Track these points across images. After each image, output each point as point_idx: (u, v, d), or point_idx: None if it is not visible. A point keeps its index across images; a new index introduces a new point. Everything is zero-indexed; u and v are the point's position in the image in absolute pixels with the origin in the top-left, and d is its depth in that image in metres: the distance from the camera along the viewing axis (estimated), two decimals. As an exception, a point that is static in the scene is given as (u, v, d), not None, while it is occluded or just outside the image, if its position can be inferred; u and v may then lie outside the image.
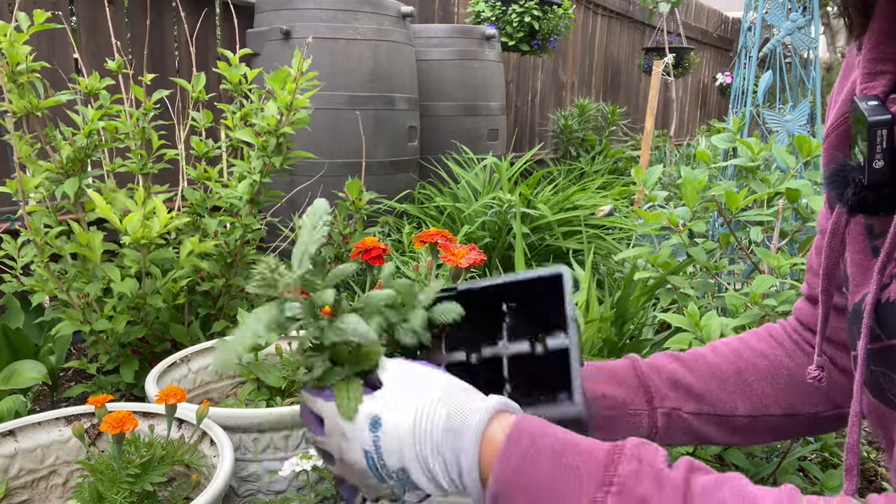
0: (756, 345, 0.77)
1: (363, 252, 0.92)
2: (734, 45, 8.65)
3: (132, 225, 1.31)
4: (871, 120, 0.49)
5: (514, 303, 0.60)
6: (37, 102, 1.39)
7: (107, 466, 0.87)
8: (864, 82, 0.52)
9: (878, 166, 0.50)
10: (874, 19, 0.53)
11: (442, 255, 0.88)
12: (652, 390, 0.73)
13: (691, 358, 0.76)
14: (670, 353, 0.77)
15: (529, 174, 3.11)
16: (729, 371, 0.75)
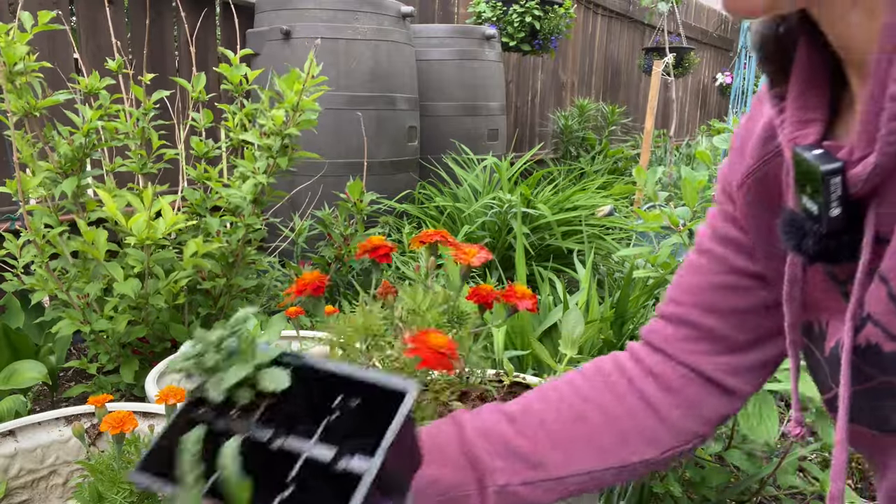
0: (584, 389, 0.71)
1: (370, 250, 0.93)
2: (734, 45, 8.65)
3: (138, 226, 1.31)
4: (824, 169, 0.49)
5: (358, 398, 0.53)
6: (34, 102, 1.39)
7: (107, 466, 0.87)
8: (796, 130, 0.52)
9: (834, 214, 0.50)
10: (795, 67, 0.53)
11: (454, 254, 0.88)
12: (480, 466, 0.66)
13: (520, 412, 0.70)
14: (499, 408, 0.71)
15: (529, 174, 3.11)
16: (559, 428, 0.69)
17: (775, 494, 1.30)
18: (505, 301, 0.89)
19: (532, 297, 0.89)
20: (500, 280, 2.13)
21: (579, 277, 1.83)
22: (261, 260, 1.77)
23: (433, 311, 0.86)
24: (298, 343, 1.42)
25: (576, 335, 1.15)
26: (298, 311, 1.28)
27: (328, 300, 2.02)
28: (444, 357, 0.76)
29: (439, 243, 0.93)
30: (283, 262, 2.12)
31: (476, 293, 0.91)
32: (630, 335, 1.69)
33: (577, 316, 1.16)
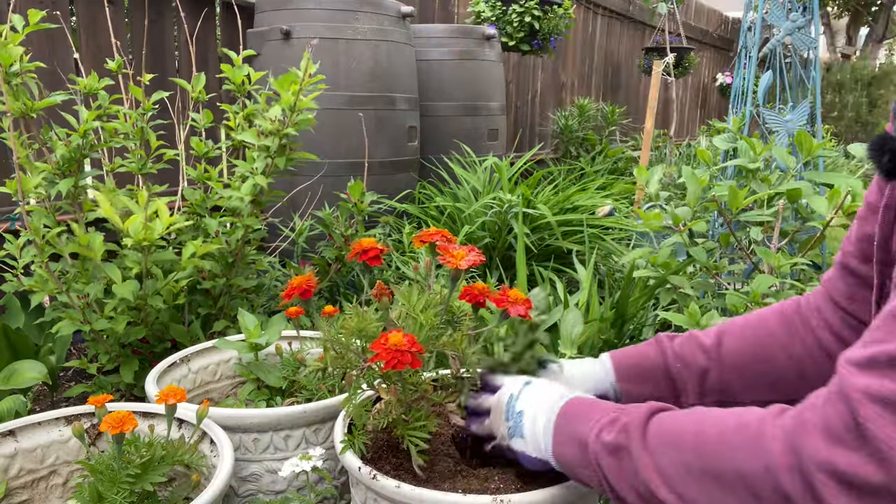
0: (776, 331, 0.84)
1: (360, 253, 0.93)
2: (734, 45, 8.65)
3: (134, 227, 1.31)
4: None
5: None
6: (31, 104, 1.39)
7: (107, 466, 0.87)
8: None
9: None
10: None
11: (440, 257, 0.88)
12: (679, 387, 0.86)
13: (715, 348, 0.85)
14: (697, 339, 0.87)
15: (530, 174, 3.11)
16: (747, 364, 0.83)
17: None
18: (496, 306, 0.88)
19: (526, 302, 0.88)
20: (501, 279, 2.13)
21: (579, 277, 1.83)
22: (261, 260, 1.76)
23: (428, 312, 0.86)
24: (299, 343, 1.42)
25: (575, 335, 1.15)
26: (299, 311, 1.28)
27: (329, 300, 2.01)
28: (405, 354, 0.77)
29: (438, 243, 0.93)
30: (283, 262, 2.12)
31: (468, 293, 0.90)
32: (630, 335, 1.69)
33: (576, 316, 1.16)
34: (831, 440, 0.49)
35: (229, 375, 1.43)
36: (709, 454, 0.58)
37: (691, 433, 0.61)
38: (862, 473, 0.47)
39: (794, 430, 0.52)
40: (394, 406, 0.86)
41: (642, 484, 0.62)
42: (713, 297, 1.65)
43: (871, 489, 0.47)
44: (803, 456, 0.51)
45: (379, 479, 0.82)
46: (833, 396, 0.51)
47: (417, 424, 0.85)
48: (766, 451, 0.53)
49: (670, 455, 0.60)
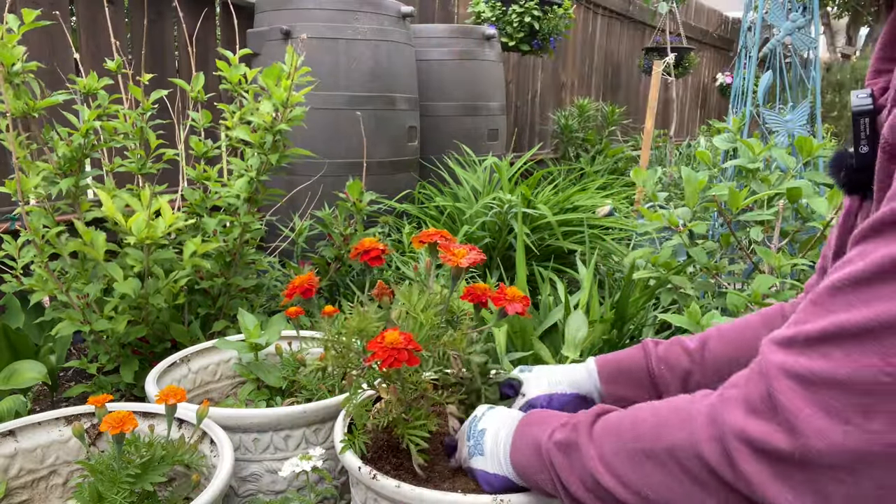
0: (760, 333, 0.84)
1: (362, 253, 0.93)
2: (734, 45, 8.65)
3: (137, 225, 1.31)
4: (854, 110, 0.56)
5: None
6: (33, 104, 1.39)
7: (107, 466, 0.87)
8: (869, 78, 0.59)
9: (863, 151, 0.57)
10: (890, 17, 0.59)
11: (442, 256, 0.88)
12: (662, 389, 0.88)
13: (699, 351, 0.87)
14: (682, 343, 0.88)
15: (530, 174, 3.11)
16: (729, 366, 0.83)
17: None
18: (494, 304, 0.88)
19: (524, 299, 0.88)
20: (501, 279, 2.13)
21: (580, 277, 1.83)
22: (260, 260, 1.76)
23: (428, 312, 0.86)
24: (299, 343, 1.42)
25: (579, 338, 1.15)
26: (298, 311, 1.28)
27: (328, 300, 2.01)
28: (402, 352, 0.77)
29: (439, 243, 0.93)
30: (283, 261, 2.12)
31: (470, 293, 0.90)
32: (631, 335, 1.69)
33: (580, 319, 1.16)
34: (748, 411, 0.53)
35: (229, 375, 1.43)
36: (644, 435, 0.62)
37: (629, 420, 0.65)
38: (772, 441, 0.50)
39: (717, 405, 0.56)
40: (394, 405, 0.86)
41: (589, 475, 0.65)
42: (714, 298, 1.65)
43: (780, 456, 0.50)
44: (723, 426, 0.54)
45: (379, 479, 0.82)
46: (754, 373, 0.55)
47: (417, 424, 0.85)
48: (692, 425, 0.57)
49: (611, 442, 0.64)
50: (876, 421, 0.46)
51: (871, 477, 0.47)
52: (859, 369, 0.47)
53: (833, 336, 0.49)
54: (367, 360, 0.79)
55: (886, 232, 0.48)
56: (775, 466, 0.51)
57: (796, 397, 0.50)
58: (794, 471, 0.50)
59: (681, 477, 0.57)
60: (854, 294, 0.49)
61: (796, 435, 0.49)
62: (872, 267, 0.48)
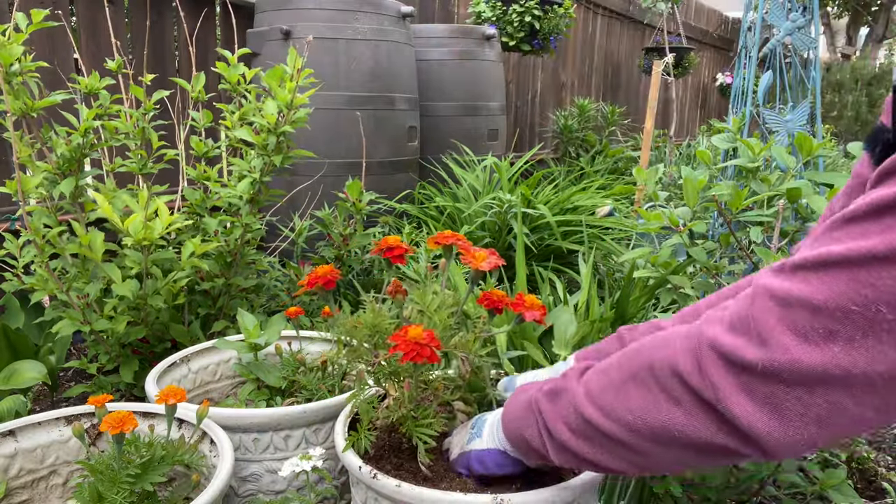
0: None
1: (385, 250, 0.93)
2: (734, 45, 8.65)
3: (134, 226, 1.31)
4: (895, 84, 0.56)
5: None
6: (32, 103, 1.39)
7: (107, 466, 0.87)
8: None
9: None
10: None
11: (463, 258, 0.89)
12: None
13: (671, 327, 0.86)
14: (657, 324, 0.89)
15: (529, 174, 3.11)
16: None
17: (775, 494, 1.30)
18: (514, 310, 0.89)
19: (541, 308, 0.89)
20: (501, 279, 2.13)
21: (579, 278, 1.83)
22: (260, 260, 1.76)
23: (441, 312, 0.87)
24: (298, 343, 1.42)
25: (569, 335, 1.15)
26: (298, 311, 1.28)
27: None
28: (425, 348, 0.77)
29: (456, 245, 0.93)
30: (283, 262, 2.12)
31: (487, 298, 0.91)
32: (630, 335, 1.69)
33: (569, 316, 1.16)
34: (725, 326, 0.56)
35: (229, 375, 1.43)
36: (628, 362, 0.65)
37: (616, 357, 0.67)
38: (740, 351, 0.53)
39: (700, 323, 0.59)
40: (404, 402, 0.86)
41: (573, 413, 0.67)
42: (713, 297, 1.65)
43: (746, 366, 0.53)
44: (700, 339, 0.57)
45: (379, 479, 0.82)
46: (743, 296, 0.57)
47: (426, 422, 0.86)
48: (673, 344, 0.60)
49: (598, 379, 0.67)
50: (837, 345, 0.49)
51: (826, 397, 0.50)
52: (832, 296, 0.49)
53: (816, 264, 0.51)
54: (390, 350, 0.79)
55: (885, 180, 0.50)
56: (740, 377, 0.53)
57: (771, 316, 0.52)
58: (756, 383, 0.52)
59: (657, 394, 0.60)
60: (843, 230, 0.51)
61: (763, 348, 0.52)
62: (863, 205, 0.50)
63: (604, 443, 0.65)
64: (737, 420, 0.54)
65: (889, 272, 0.47)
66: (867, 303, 0.48)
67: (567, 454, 0.69)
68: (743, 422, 0.53)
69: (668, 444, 0.60)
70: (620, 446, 0.64)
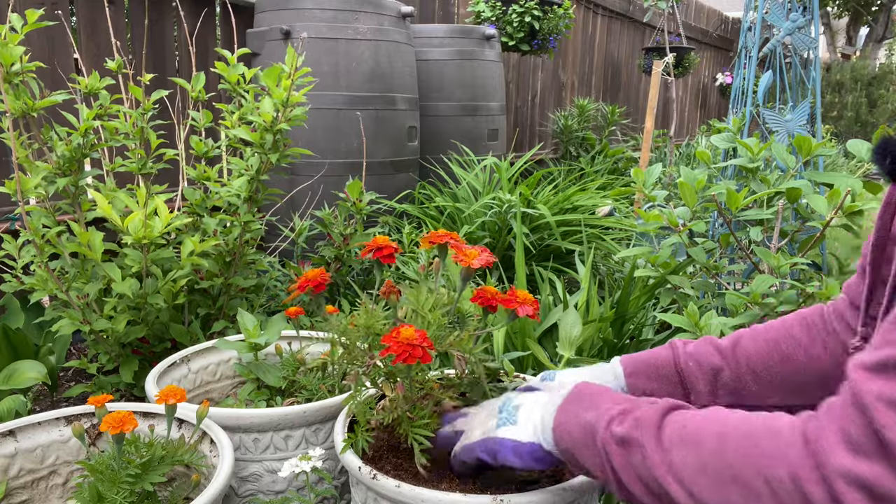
0: (797, 334, 0.83)
1: (375, 250, 0.93)
2: (734, 45, 8.65)
3: (134, 225, 1.31)
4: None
5: None
6: (32, 104, 1.39)
7: (107, 466, 0.87)
8: None
9: None
10: None
11: (454, 256, 0.88)
12: (689, 386, 0.85)
13: (730, 348, 0.85)
14: (712, 341, 0.86)
15: (529, 174, 3.11)
16: (765, 364, 0.82)
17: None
18: (505, 306, 0.88)
19: (534, 303, 0.88)
20: (501, 280, 2.13)
21: (579, 277, 1.83)
22: (260, 260, 1.76)
23: (435, 312, 0.86)
24: (298, 343, 1.42)
25: (574, 336, 1.15)
26: (298, 311, 1.28)
27: (328, 300, 2.01)
28: (417, 348, 0.77)
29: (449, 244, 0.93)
30: (283, 261, 2.12)
31: (480, 295, 0.90)
32: (630, 335, 1.69)
33: (574, 317, 1.16)
34: (852, 449, 0.49)
35: (229, 375, 1.43)
36: (730, 456, 0.56)
37: (713, 433, 0.59)
38: (885, 483, 0.46)
39: (815, 439, 0.52)
40: (399, 402, 0.86)
41: (653, 480, 0.61)
42: (713, 298, 1.65)
43: (893, 500, 0.46)
44: (827, 466, 0.50)
45: (379, 479, 0.82)
46: (848, 402, 0.50)
47: (422, 423, 0.85)
48: (790, 459, 0.52)
49: (687, 453, 0.59)
50: None
51: None
52: None
53: None
54: (382, 352, 0.78)
55: None
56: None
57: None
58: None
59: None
60: None
61: None
62: None
63: None
64: None
65: None
66: None
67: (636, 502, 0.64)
68: None
69: None
70: None
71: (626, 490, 0.64)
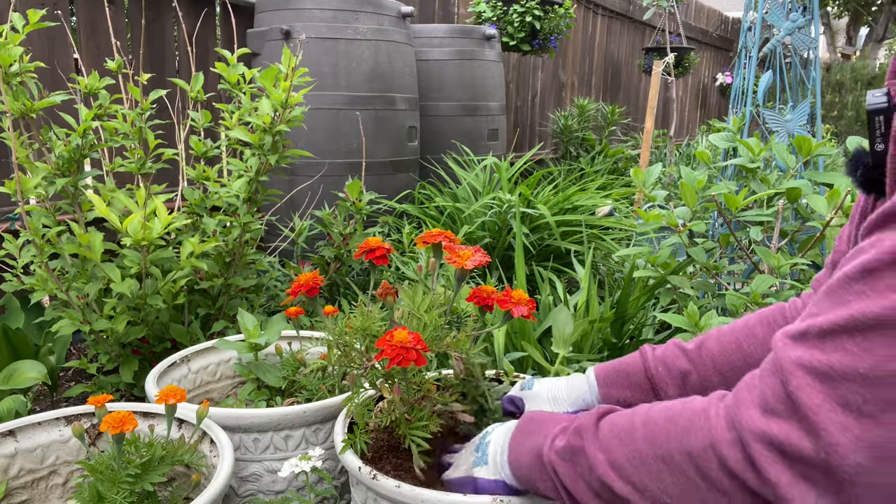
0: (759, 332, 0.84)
1: (367, 252, 0.93)
2: (734, 45, 8.65)
3: (132, 226, 1.31)
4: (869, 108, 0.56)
5: None
6: (31, 104, 1.39)
7: (107, 466, 0.87)
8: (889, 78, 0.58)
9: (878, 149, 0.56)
10: None
11: (447, 257, 0.88)
12: (660, 391, 0.87)
13: (696, 350, 0.87)
14: (679, 344, 0.88)
15: (529, 174, 3.11)
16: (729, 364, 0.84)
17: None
18: (500, 306, 0.88)
19: (530, 302, 0.88)
20: (501, 280, 2.13)
21: (579, 278, 1.83)
22: (260, 260, 1.76)
23: (432, 312, 0.86)
24: (298, 343, 1.42)
25: (567, 333, 1.15)
26: (298, 311, 1.28)
27: (328, 300, 2.01)
28: (410, 351, 0.77)
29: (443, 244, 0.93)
30: (283, 261, 2.12)
31: (476, 295, 0.90)
32: (630, 335, 1.69)
33: (566, 315, 1.16)
34: (766, 411, 0.51)
35: (229, 375, 1.43)
36: (658, 439, 0.60)
37: (641, 423, 0.62)
38: (793, 440, 0.49)
39: (733, 406, 0.55)
40: (397, 405, 0.86)
41: (598, 481, 0.63)
42: (713, 298, 1.65)
43: (802, 456, 0.49)
44: (742, 429, 0.52)
45: (379, 479, 0.82)
46: (768, 370, 0.53)
47: (420, 424, 0.85)
48: (710, 429, 0.55)
49: (622, 447, 0.62)
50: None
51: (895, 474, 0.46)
52: (880, 362, 0.45)
53: (848, 328, 0.47)
54: (376, 357, 0.79)
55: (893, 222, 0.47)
56: (797, 467, 0.49)
57: (815, 393, 0.48)
58: (815, 471, 0.48)
59: (699, 483, 0.56)
60: (866, 284, 0.47)
61: (817, 433, 0.47)
62: (884, 255, 0.47)
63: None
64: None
65: None
66: None
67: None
68: None
69: None
70: None
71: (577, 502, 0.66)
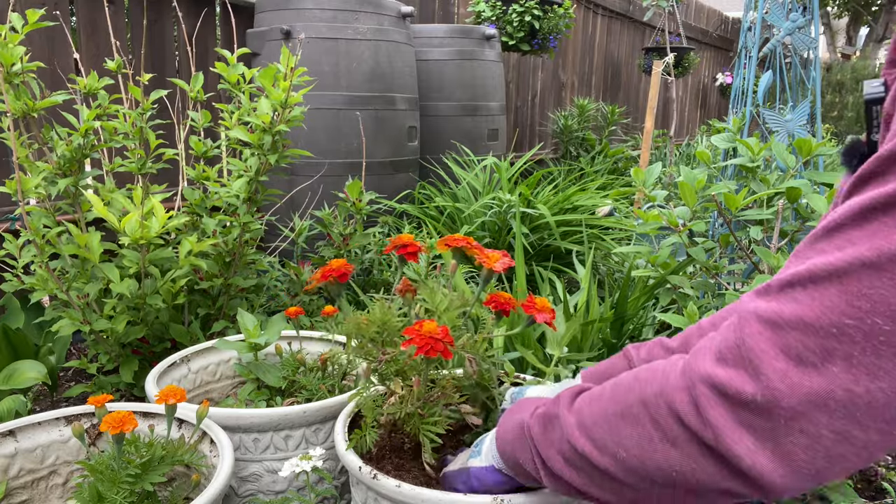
0: None
1: (399, 247, 0.93)
2: (734, 45, 8.65)
3: (130, 225, 1.31)
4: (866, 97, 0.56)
5: None
6: (32, 104, 1.39)
7: (107, 466, 0.87)
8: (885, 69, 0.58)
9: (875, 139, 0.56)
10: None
11: (478, 259, 0.89)
12: None
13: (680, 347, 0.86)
14: (663, 343, 0.88)
15: (529, 174, 3.11)
16: None
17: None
18: (525, 312, 0.89)
19: (551, 311, 0.89)
20: (500, 280, 2.13)
21: (579, 278, 1.83)
22: (260, 260, 1.76)
23: (451, 312, 0.87)
24: (298, 343, 1.42)
25: (559, 334, 1.15)
26: (298, 311, 1.28)
27: (328, 300, 2.02)
28: (439, 342, 0.77)
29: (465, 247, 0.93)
30: (283, 261, 2.12)
31: (495, 300, 0.91)
32: (630, 335, 1.69)
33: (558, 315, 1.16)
34: (717, 358, 0.52)
35: (229, 375, 1.43)
36: (620, 395, 0.61)
37: (610, 385, 0.64)
38: (736, 384, 0.50)
39: (692, 356, 0.56)
40: (411, 399, 0.86)
41: (566, 443, 0.64)
42: (713, 297, 1.65)
43: (743, 399, 0.49)
44: (693, 375, 0.54)
45: (380, 479, 0.82)
46: (731, 324, 0.54)
47: (432, 420, 0.85)
48: (666, 379, 0.57)
49: (590, 408, 0.64)
50: (836, 364, 0.46)
51: (831, 426, 0.47)
52: (824, 312, 0.46)
53: (803, 280, 0.48)
54: (404, 343, 0.79)
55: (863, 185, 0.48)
56: (739, 413, 0.50)
57: (762, 340, 0.49)
58: (756, 418, 0.49)
59: (651, 432, 0.56)
60: (827, 241, 0.49)
61: (758, 377, 0.48)
62: (845, 213, 0.48)
63: (597, 477, 0.62)
64: (739, 461, 0.50)
65: (882, 280, 0.44)
66: (861, 315, 0.45)
67: (560, 483, 0.67)
68: (745, 462, 0.50)
69: (665, 484, 0.57)
70: (615, 482, 0.61)
71: (550, 470, 0.67)
